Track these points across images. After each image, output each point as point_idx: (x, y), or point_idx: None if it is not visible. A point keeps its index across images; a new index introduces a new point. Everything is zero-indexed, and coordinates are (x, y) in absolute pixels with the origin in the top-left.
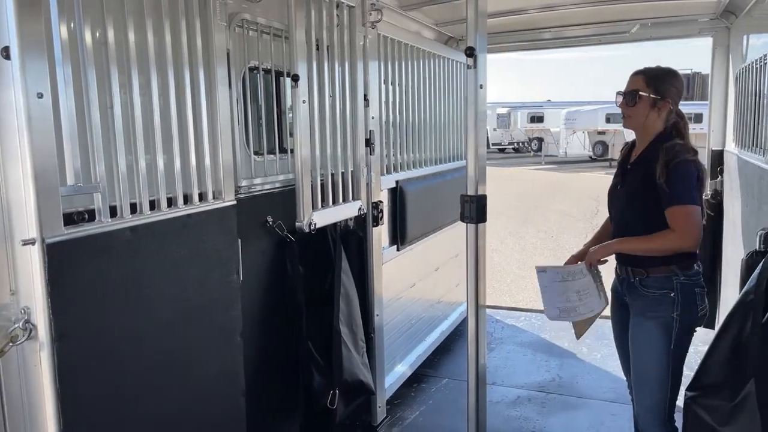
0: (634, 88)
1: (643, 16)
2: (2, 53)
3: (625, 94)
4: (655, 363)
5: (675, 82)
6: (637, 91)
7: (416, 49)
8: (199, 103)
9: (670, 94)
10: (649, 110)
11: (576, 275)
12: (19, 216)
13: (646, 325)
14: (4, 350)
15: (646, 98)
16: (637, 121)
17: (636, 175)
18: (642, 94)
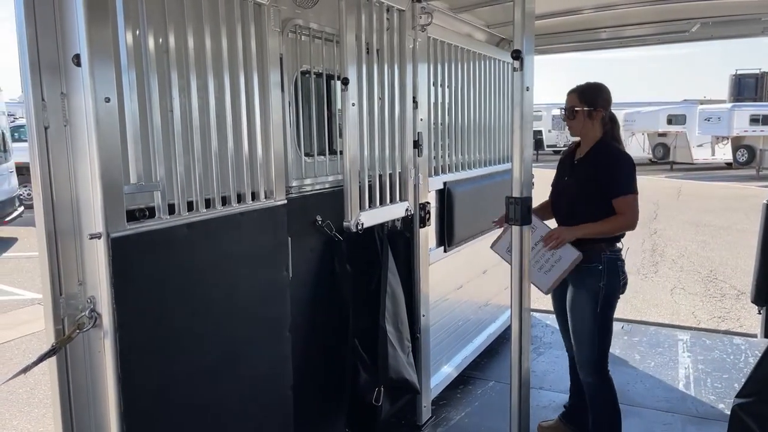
0: (571, 104)
1: (704, 14)
2: (74, 60)
3: (565, 110)
4: (587, 324)
5: (602, 93)
6: (573, 107)
7: (466, 51)
8: (253, 106)
9: (599, 104)
10: (584, 120)
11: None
12: (87, 212)
13: (579, 293)
14: (71, 336)
15: (581, 111)
16: (577, 129)
17: (582, 171)
18: (577, 109)
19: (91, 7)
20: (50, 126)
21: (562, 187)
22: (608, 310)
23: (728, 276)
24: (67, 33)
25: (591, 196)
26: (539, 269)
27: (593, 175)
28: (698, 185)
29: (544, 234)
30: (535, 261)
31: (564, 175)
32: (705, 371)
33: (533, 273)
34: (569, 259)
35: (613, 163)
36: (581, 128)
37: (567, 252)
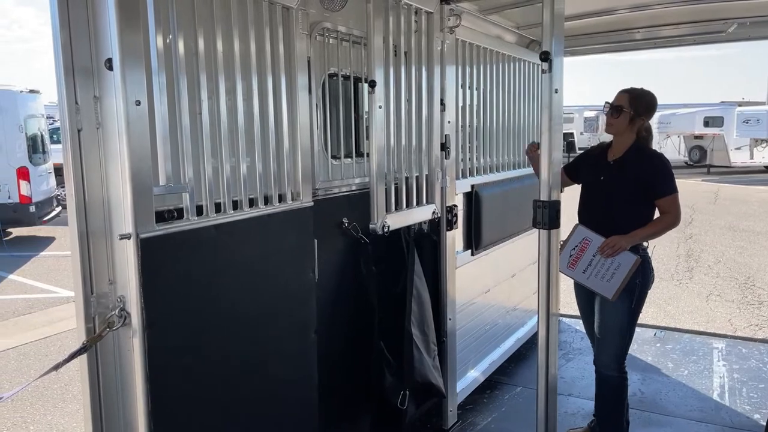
0: (619, 103)
1: (741, 15)
2: (106, 64)
3: (612, 107)
4: (619, 319)
5: (650, 103)
6: (621, 107)
7: (495, 52)
8: (281, 108)
9: (643, 112)
10: (626, 122)
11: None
12: (118, 213)
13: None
14: (102, 335)
15: (626, 113)
16: (616, 128)
17: (622, 171)
18: (625, 110)
19: (122, 13)
20: (83, 128)
21: (597, 187)
22: (640, 306)
23: (767, 283)
24: (100, 37)
25: (631, 196)
26: (601, 278)
27: (635, 176)
28: (736, 189)
29: (599, 244)
30: (597, 271)
31: (599, 174)
32: (740, 380)
33: (596, 282)
34: (628, 264)
35: (657, 163)
36: (619, 129)
37: (625, 258)
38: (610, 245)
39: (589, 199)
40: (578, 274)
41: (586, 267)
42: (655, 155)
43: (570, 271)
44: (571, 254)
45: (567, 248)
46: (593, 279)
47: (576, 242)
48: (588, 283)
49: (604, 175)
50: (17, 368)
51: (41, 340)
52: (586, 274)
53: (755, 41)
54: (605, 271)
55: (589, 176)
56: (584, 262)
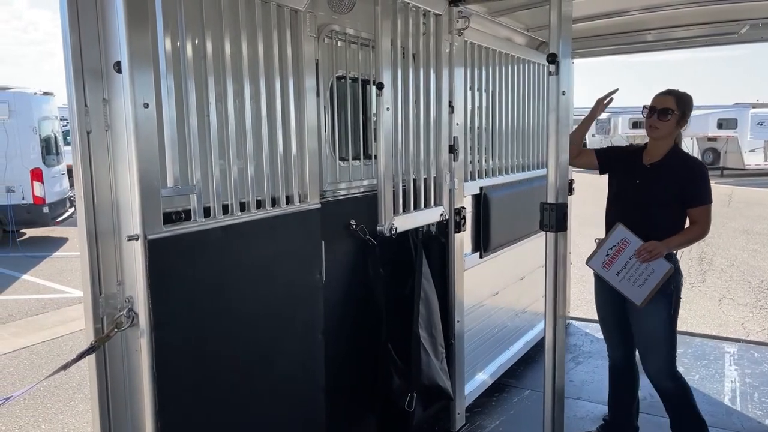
0: (667, 106)
1: (753, 16)
2: (114, 67)
3: (659, 110)
4: (662, 328)
5: (691, 106)
6: (669, 109)
7: (504, 54)
8: (289, 110)
9: (688, 115)
10: (673, 127)
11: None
12: (126, 214)
13: (654, 300)
14: (110, 335)
15: (675, 116)
16: (662, 132)
17: (660, 177)
18: (675, 112)
19: (131, 16)
20: (92, 131)
21: (631, 190)
22: (678, 311)
23: None
24: (109, 40)
25: (666, 202)
26: (633, 283)
27: (674, 182)
28: (750, 192)
29: (638, 247)
30: (630, 275)
31: (634, 177)
32: (752, 385)
33: (627, 286)
34: (662, 271)
35: (698, 172)
36: (665, 132)
37: (659, 265)
38: (649, 250)
39: (621, 201)
40: (611, 275)
41: (621, 269)
42: (695, 162)
43: (604, 271)
44: (608, 254)
45: (604, 247)
46: (625, 282)
47: (614, 242)
48: (619, 286)
49: (639, 179)
50: (29, 368)
51: (53, 340)
52: (619, 276)
53: None
54: (638, 275)
55: (622, 177)
56: (619, 264)
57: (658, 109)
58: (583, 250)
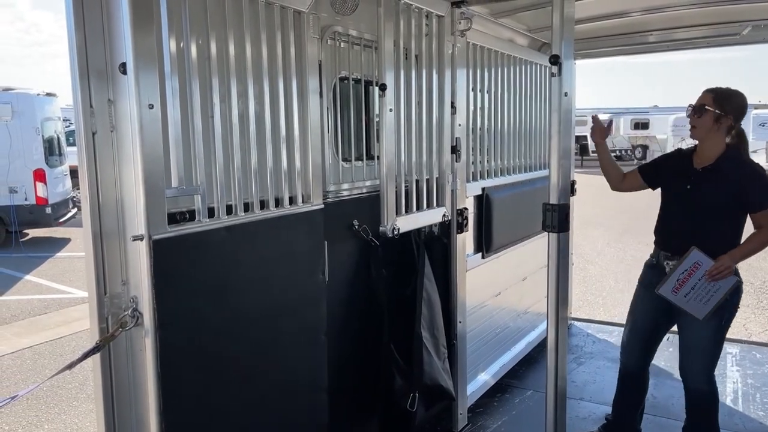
0: (702, 102)
1: (755, 17)
2: (120, 68)
3: (693, 107)
4: (710, 335)
5: (737, 101)
6: (703, 105)
7: (506, 55)
8: (292, 111)
9: (729, 111)
10: (711, 123)
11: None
12: (131, 214)
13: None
14: (115, 335)
15: (710, 113)
16: (700, 131)
17: (714, 182)
18: (708, 108)
19: (136, 17)
20: (98, 131)
21: (682, 197)
22: (731, 320)
23: None
24: (115, 41)
25: (721, 208)
26: (699, 301)
27: (728, 187)
28: None
29: (708, 268)
30: (697, 294)
31: (684, 183)
32: (754, 386)
33: (692, 305)
34: (727, 286)
35: (753, 173)
36: (704, 132)
37: (726, 281)
38: (721, 270)
39: (672, 210)
40: (680, 298)
41: (689, 291)
42: (751, 164)
43: (673, 295)
44: (679, 278)
45: (677, 272)
46: (692, 302)
47: (687, 266)
48: (686, 306)
49: (690, 184)
50: (32, 368)
51: (56, 340)
52: (687, 297)
53: None
54: (705, 293)
55: (672, 184)
56: (688, 286)
57: (694, 106)
58: (585, 251)
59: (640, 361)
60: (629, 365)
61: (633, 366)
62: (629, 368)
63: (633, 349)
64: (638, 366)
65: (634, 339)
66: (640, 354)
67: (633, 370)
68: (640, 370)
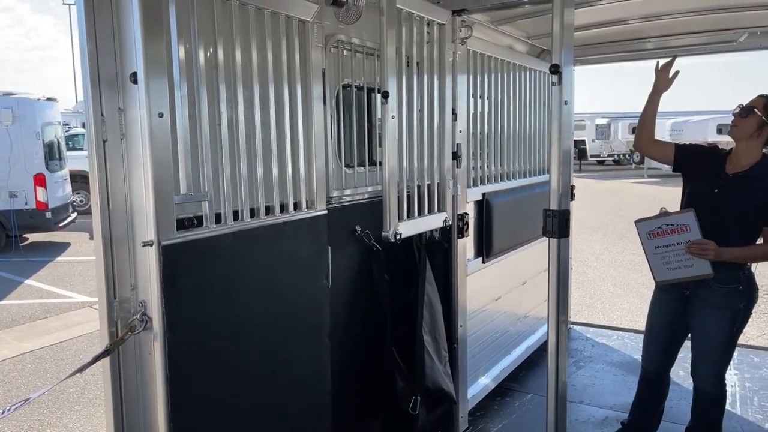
0: (753, 104)
1: (753, 24)
2: (131, 78)
3: (743, 107)
4: (722, 340)
5: None
6: (752, 107)
7: (506, 62)
8: (296, 118)
9: None
10: (754, 127)
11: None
12: (140, 220)
13: (717, 316)
14: (124, 339)
15: (756, 116)
16: (741, 132)
17: (744, 190)
18: (756, 112)
19: (147, 29)
20: (108, 139)
21: (709, 200)
22: (744, 326)
23: None
24: (125, 51)
25: (746, 219)
26: (664, 264)
27: (759, 197)
28: None
29: (694, 239)
30: (667, 256)
31: (713, 185)
32: (752, 389)
33: (656, 260)
34: (700, 272)
35: None
36: (745, 134)
37: (702, 265)
38: (703, 248)
39: (696, 203)
40: (650, 246)
41: (663, 246)
42: None
43: (646, 238)
44: (661, 227)
45: (663, 221)
46: (657, 258)
47: (676, 222)
48: (651, 256)
49: (719, 188)
50: (33, 372)
51: (57, 345)
52: (658, 250)
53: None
54: (674, 260)
55: (700, 182)
56: (665, 241)
57: (744, 106)
58: (583, 255)
59: (660, 367)
60: (649, 370)
61: (653, 371)
62: (649, 373)
63: (652, 354)
64: (657, 371)
65: (652, 344)
66: (659, 359)
67: (653, 375)
68: (660, 375)
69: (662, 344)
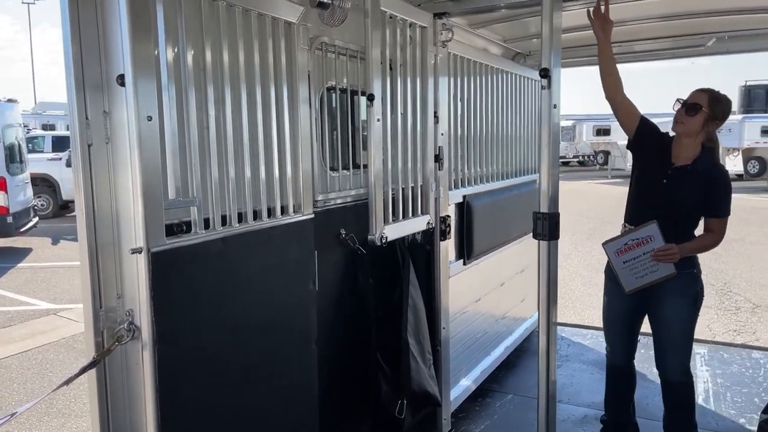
0: (697, 101)
1: (719, 29)
2: (118, 81)
3: (687, 104)
4: (686, 328)
5: (727, 108)
6: (698, 104)
7: (484, 65)
8: (283, 121)
9: (719, 116)
10: (700, 125)
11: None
12: (127, 226)
13: (679, 303)
14: (111, 349)
15: (703, 113)
16: (688, 129)
17: (690, 183)
18: (703, 109)
19: (135, 30)
20: (93, 143)
21: (656, 189)
22: (698, 312)
23: (743, 289)
24: (111, 52)
25: (692, 210)
26: (633, 273)
27: (702, 190)
28: None
29: (658, 246)
30: (635, 266)
31: (660, 176)
32: (724, 385)
33: (625, 273)
34: (665, 272)
35: (723, 183)
36: (692, 131)
37: (666, 266)
38: (669, 254)
39: (644, 201)
40: (619, 261)
41: (630, 259)
42: (721, 172)
43: (615, 256)
44: (627, 243)
45: (628, 237)
46: (626, 270)
47: (640, 236)
48: (620, 271)
49: (667, 179)
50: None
51: (22, 354)
52: (626, 264)
53: None
54: (642, 269)
55: (650, 169)
56: (632, 255)
57: (687, 103)
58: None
59: (625, 355)
60: (615, 360)
61: (618, 360)
62: (615, 363)
63: (616, 344)
64: (623, 359)
65: (614, 334)
66: (623, 347)
67: (619, 363)
68: (627, 364)
69: (624, 333)
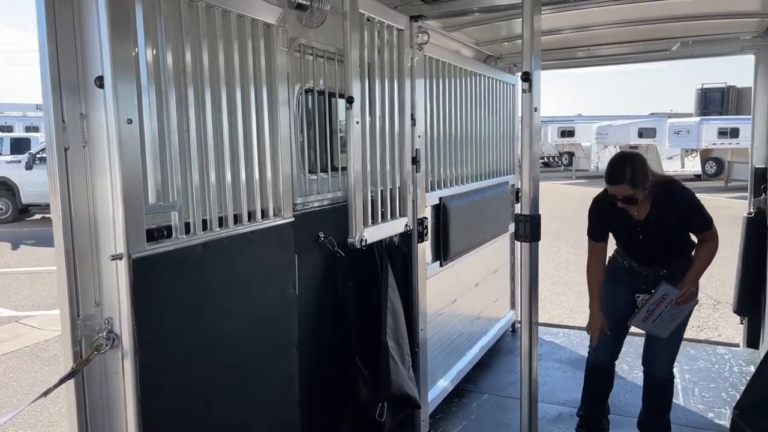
0: (627, 195)
1: (683, 34)
2: (96, 82)
3: (624, 200)
4: (680, 329)
5: (645, 171)
6: (632, 197)
7: (458, 68)
8: (263, 124)
9: (646, 182)
10: (642, 197)
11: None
12: (105, 232)
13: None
14: (89, 359)
15: (639, 195)
16: (639, 206)
17: (656, 225)
18: (636, 198)
19: (114, 31)
20: (69, 147)
21: (639, 243)
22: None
23: (703, 286)
24: (87, 54)
25: (674, 234)
26: (663, 323)
27: (675, 217)
28: None
29: (674, 297)
30: (663, 319)
31: (633, 235)
32: (692, 381)
33: (658, 326)
34: (690, 306)
35: (690, 204)
36: (641, 208)
37: (690, 302)
38: (687, 297)
39: (629, 247)
40: (649, 324)
41: (657, 317)
42: (682, 195)
43: (643, 323)
44: (649, 309)
45: (648, 305)
46: (659, 325)
47: (656, 299)
48: (653, 329)
49: (642, 234)
50: None
51: None
52: (655, 322)
53: None
54: (670, 316)
55: (622, 235)
56: (657, 314)
57: (623, 200)
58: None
59: (609, 356)
60: (600, 359)
61: (603, 359)
62: (600, 362)
63: (602, 343)
64: (606, 359)
65: (604, 334)
66: (608, 346)
67: (603, 362)
68: (610, 365)
69: (614, 335)
